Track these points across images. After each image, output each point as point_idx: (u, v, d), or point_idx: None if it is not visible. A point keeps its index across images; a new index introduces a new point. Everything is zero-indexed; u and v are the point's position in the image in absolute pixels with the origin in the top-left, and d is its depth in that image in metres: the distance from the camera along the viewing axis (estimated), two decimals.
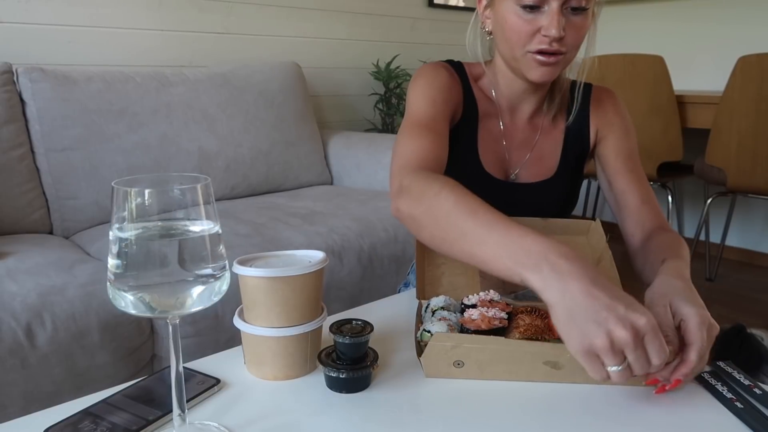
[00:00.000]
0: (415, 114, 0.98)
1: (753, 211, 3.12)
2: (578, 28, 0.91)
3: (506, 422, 0.63)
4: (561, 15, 0.88)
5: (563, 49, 0.91)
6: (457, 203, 0.72)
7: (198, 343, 1.41)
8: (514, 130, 1.08)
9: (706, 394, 0.69)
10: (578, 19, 0.90)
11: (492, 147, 1.07)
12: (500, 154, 1.08)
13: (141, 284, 0.51)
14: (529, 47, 0.91)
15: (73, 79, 1.81)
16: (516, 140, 1.08)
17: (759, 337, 1.34)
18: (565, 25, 0.89)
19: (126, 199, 0.50)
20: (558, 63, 0.92)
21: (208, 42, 2.37)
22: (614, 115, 1.09)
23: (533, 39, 0.91)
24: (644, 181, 1.05)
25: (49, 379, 1.20)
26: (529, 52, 0.92)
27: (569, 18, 0.90)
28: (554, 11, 0.88)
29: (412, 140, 0.92)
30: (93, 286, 1.31)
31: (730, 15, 3.00)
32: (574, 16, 0.90)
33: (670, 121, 2.54)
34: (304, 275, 0.68)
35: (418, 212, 0.76)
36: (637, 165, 1.07)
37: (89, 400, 0.65)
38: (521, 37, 0.91)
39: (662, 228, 0.98)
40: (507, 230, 0.66)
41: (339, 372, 0.67)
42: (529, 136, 1.09)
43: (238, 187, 2.11)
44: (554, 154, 1.09)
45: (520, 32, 0.91)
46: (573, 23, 0.90)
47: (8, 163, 1.67)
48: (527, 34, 0.91)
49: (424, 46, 3.13)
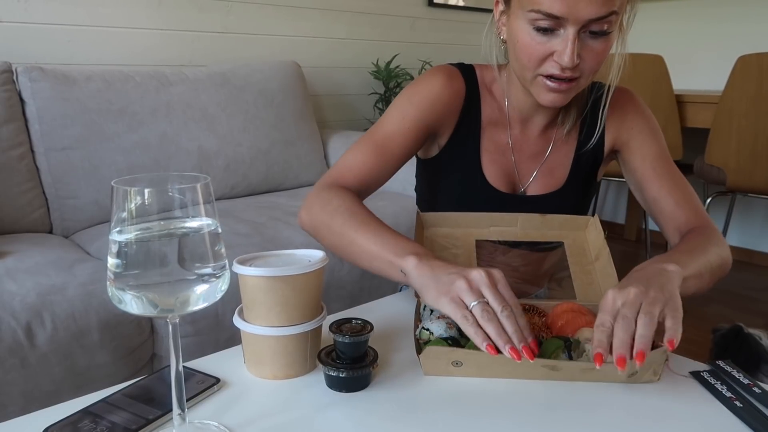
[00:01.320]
0: (377, 127, 0.98)
1: (752, 211, 3.12)
2: (596, 54, 0.83)
3: (506, 421, 0.63)
4: (577, 40, 0.80)
5: (577, 74, 0.84)
6: (350, 218, 0.84)
7: (198, 342, 1.41)
8: (524, 142, 1.02)
9: (705, 392, 0.69)
10: (597, 44, 0.82)
11: (498, 159, 1.01)
12: (508, 166, 1.02)
13: (141, 284, 0.51)
14: (539, 70, 0.85)
15: (72, 78, 1.81)
16: (526, 153, 1.02)
17: (757, 336, 1.34)
18: (582, 50, 0.82)
19: (126, 198, 0.50)
20: (570, 90, 0.86)
21: (208, 41, 2.37)
22: (634, 117, 1.00)
23: (545, 62, 0.84)
24: (678, 181, 0.97)
25: (48, 378, 1.20)
26: (540, 75, 0.85)
27: (587, 42, 0.82)
28: (570, 37, 0.80)
29: (355, 154, 0.96)
30: (93, 285, 1.31)
31: (729, 14, 3.00)
32: (593, 41, 0.82)
33: (669, 121, 2.54)
34: (303, 274, 0.68)
35: (317, 223, 0.88)
36: (668, 165, 0.99)
37: (89, 400, 0.65)
38: (532, 60, 0.84)
39: (697, 227, 0.91)
40: (387, 236, 0.80)
41: (339, 371, 0.67)
42: (541, 148, 1.02)
43: (237, 187, 2.11)
44: (565, 165, 1.03)
45: (531, 55, 0.84)
46: (591, 48, 0.82)
47: (8, 163, 1.67)
48: (538, 58, 0.84)
49: (423, 46, 3.13)
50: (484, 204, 0.97)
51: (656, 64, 2.49)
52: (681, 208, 0.94)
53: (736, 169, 2.37)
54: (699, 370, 0.74)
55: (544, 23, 0.81)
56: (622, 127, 1.01)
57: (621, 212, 3.66)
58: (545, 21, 0.80)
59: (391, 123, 0.97)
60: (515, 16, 0.85)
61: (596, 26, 0.80)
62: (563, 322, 0.76)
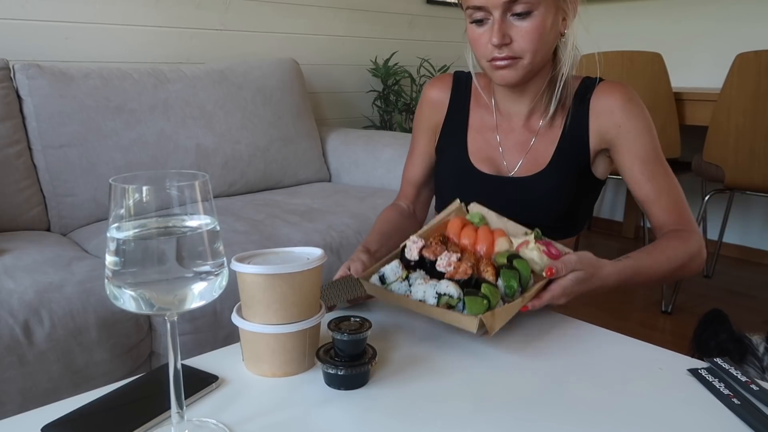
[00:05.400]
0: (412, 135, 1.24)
1: (751, 208, 3.13)
2: (525, 32, 0.95)
3: (504, 418, 0.63)
4: (502, 24, 0.95)
5: (515, 53, 0.96)
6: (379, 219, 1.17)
7: (196, 340, 1.41)
8: (509, 133, 1.11)
9: (703, 390, 0.69)
10: (524, 24, 0.95)
11: (485, 148, 1.12)
12: (494, 154, 1.11)
13: (139, 281, 0.51)
14: (486, 57, 0.99)
15: (70, 75, 1.80)
16: (511, 142, 1.10)
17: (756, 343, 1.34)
18: (511, 31, 0.96)
19: (124, 196, 0.50)
20: (513, 66, 0.97)
21: (206, 38, 2.37)
22: (623, 115, 1.01)
23: (485, 48, 0.98)
24: (665, 184, 1.01)
25: (46, 376, 1.20)
26: (487, 60, 0.99)
27: (514, 24, 0.96)
28: (495, 21, 0.95)
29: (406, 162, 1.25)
30: (91, 283, 1.31)
31: (728, 12, 3.00)
32: (519, 22, 0.95)
33: (668, 118, 2.54)
34: (302, 272, 0.68)
35: None
36: (658, 167, 1.01)
37: (87, 398, 0.65)
38: (478, 50, 1.00)
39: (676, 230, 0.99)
40: None
41: (337, 369, 0.67)
42: (526, 138, 1.09)
43: (236, 184, 2.11)
44: (549, 150, 1.07)
45: (476, 44, 1.00)
46: (518, 29, 0.96)
47: (5, 160, 1.66)
48: (482, 46, 0.98)
49: (422, 43, 3.13)
50: (472, 186, 1.11)
51: (655, 61, 2.49)
52: (667, 212, 1.01)
53: (734, 166, 2.37)
54: (697, 368, 0.74)
55: (477, 15, 0.97)
56: (610, 123, 1.03)
57: (619, 210, 3.67)
58: (476, 13, 0.97)
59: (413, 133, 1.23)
60: (467, 20, 1.01)
61: (518, 7, 0.94)
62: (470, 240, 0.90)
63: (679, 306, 2.47)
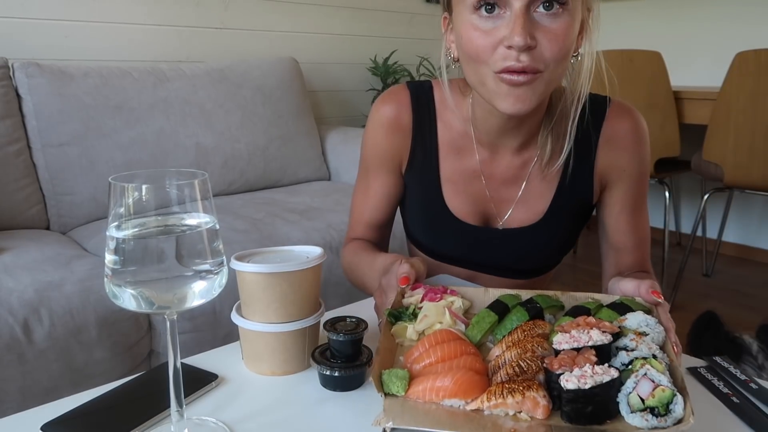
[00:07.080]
0: (361, 160, 1.00)
1: (750, 207, 3.13)
2: (555, 35, 0.69)
3: None
4: (527, 18, 0.68)
5: (537, 65, 0.70)
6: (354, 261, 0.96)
7: (196, 338, 1.41)
8: (496, 167, 0.89)
9: (702, 388, 0.69)
10: (554, 24, 0.69)
11: (465, 189, 0.90)
12: (478, 196, 0.91)
13: (138, 280, 0.51)
14: (493, 66, 0.71)
15: (69, 74, 1.80)
16: (498, 179, 0.90)
17: (748, 342, 1.35)
18: (536, 31, 0.69)
19: (123, 194, 0.50)
20: (533, 83, 0.71)
21: (206, 37, 2.36)
22: (630, 158, 0.87)
23: (495, 54, 0.71)
24: (645, 233, 0.92)
25: (46, 374, 1.20)
26: (495, 72, 0.72)
27: (542, 23, 0.69)
28: (516, 14, 0.68)
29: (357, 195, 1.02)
30: (90, 281, 1.31)
31: (727, 11, 3.00)
32: (548, 20, 0.69)
33: (667, 117, 2.54)
34: (301, 271, 0.68)
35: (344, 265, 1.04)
36: (642, 214, 0.92)
37: (87, 396, 0.65)
38: (480, 52, 0.72)
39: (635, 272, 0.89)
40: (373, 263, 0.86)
41: (333, 370, 0.66)
42: (517, 173, 0.89)
43: (235, 183, 2.11)
44: (546, 194, 0.89)
45: (478, 46, 0.72)
46: (546, 29, 0.69)
47: (5, 159, 1.66)
48: (487, 48, 0.71)
49: (421, 42, 3.13)
50: (452, 237, 0.93)
51: (654, 60, 2.49)
52: (634, 261, 0.92)
53: (733, 165, 2.37)
54: (696, 366, 0.74)
55: None
56: (615, 165, 0.88)
57: None
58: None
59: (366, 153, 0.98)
60: (458, 15, 0.75)
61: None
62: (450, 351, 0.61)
63: (678, 304, 2.47)
